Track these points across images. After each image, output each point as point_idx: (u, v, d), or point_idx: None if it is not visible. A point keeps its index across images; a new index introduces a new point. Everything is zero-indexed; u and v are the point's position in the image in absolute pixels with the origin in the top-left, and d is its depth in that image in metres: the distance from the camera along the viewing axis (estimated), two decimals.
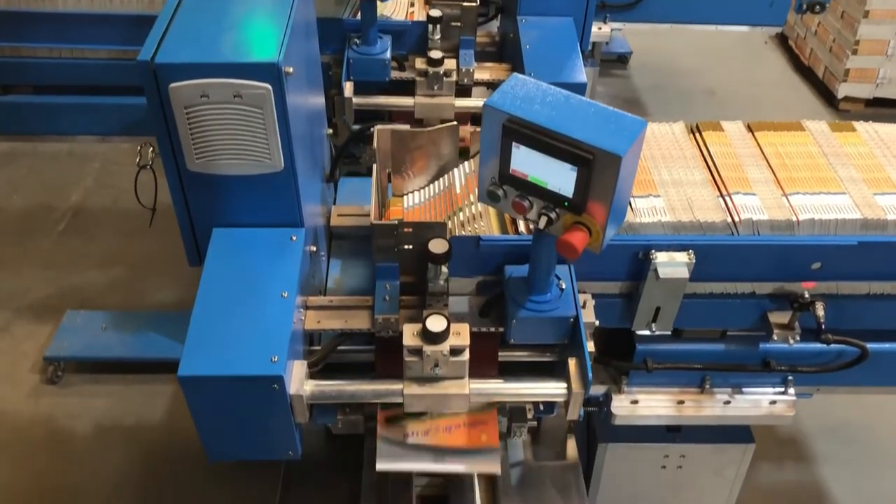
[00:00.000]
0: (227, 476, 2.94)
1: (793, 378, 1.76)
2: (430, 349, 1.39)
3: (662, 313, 1.59)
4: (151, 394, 3.32)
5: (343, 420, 1.75)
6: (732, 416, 1.79)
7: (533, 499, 1.81)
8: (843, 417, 3.26)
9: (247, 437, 1.45)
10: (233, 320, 1.39)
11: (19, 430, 3.17)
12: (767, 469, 3.05)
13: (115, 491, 2.94)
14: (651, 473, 2.01)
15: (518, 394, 1.50)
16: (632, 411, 1.79)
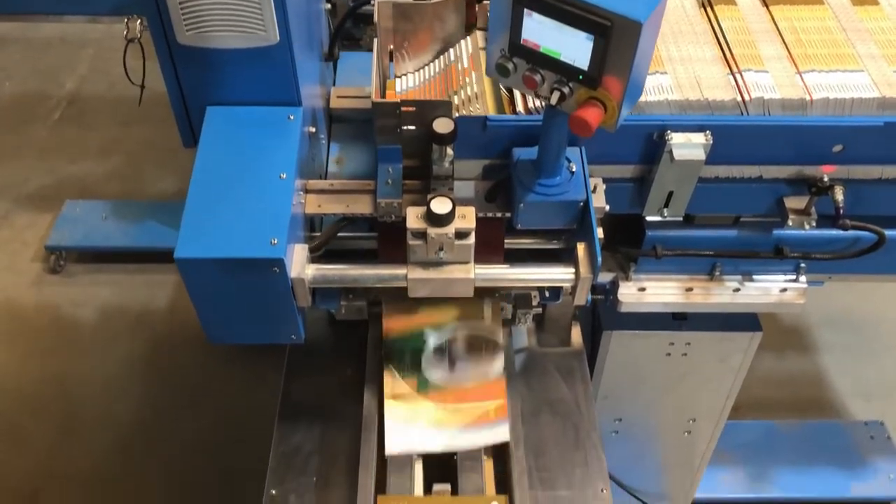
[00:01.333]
0: (231, 362, 2.97)
1: (805, 265, 1.72)
2: (434, 232, 1.34)
3: (675, 198, 1.53)
4: (154, 283, 3.34)
5: (346, 306, 1.73)
6: (741, 304, 1.76)
7: (536, 384, 1.80)
8: (846, 308, 3.27)
9: (248, 321, 1.43)
10: (230, 202, 1.34)
11: (24, 319, 3.19)
12: (770, 358, 3.08)
13: (121, 377, 2.99)
14: (655, 361, 2.01)
15: (524, 279, 1.46)
16: (638, 298, 1.76)
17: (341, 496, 1.59)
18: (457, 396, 1.63)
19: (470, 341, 1.68)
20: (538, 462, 1.66)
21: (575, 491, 1.61)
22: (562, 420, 1.75)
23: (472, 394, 1.63)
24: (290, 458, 1.66)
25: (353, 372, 1.78)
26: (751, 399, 2.86)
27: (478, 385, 1.65)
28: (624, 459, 2.27)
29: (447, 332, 1.68)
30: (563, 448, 1.69)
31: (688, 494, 2.48)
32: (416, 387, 1.64)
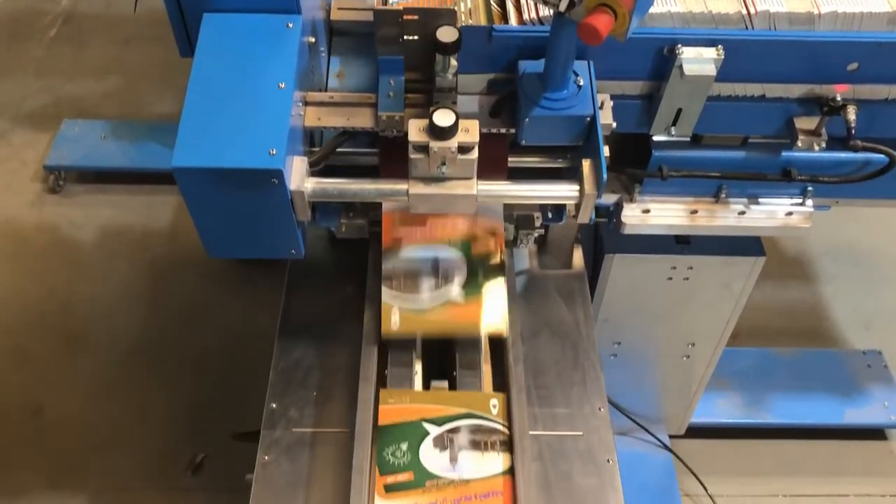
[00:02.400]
0: (232, 282, 2.98)
1: (812, 189, 1.70)
2: (436, 145, 1.31)
3: (683, 116, 1.50)
4: (155, 204, 3.32)
5: (347, 224, 1.72)
6: (746, 227, 1.74)
7: (537, 305, 1.80)
8: (849, 239, 3.26)
9: (247, 235, 1.41)
10: (227, 111, 1.30)
11: (25, 239, 3.19)
12: (770, 288, 3.08)
13: (122, 297, 2.99)
14: (657, 285, 2.00)
15: (528, 195, 1.44)
16: (642, 220, 1.74)
17: (341, 410, 1.60)
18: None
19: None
20: (537, 381, 1.67)
21: (573, 409, 1.63)
22: (561, 341, 1.75)
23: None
24: (290, 372, 1.67)
25: (354, 290, 1.78)
26: (750, 327, 2.87)
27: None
28: (622, 383, 2.29)
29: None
30: (562, 368, 1.70)
31: (684, 418, 2.51)
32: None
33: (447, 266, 1.64)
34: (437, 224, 1.66)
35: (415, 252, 1.65)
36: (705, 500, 2.47)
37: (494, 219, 1.66)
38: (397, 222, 1.67)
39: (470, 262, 1.64)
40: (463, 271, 1.63)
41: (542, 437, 1.58)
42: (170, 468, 2.52)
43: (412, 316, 1.59)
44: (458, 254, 1.64)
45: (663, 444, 2.47)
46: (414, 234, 1.66)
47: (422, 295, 1.61)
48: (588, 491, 1.51)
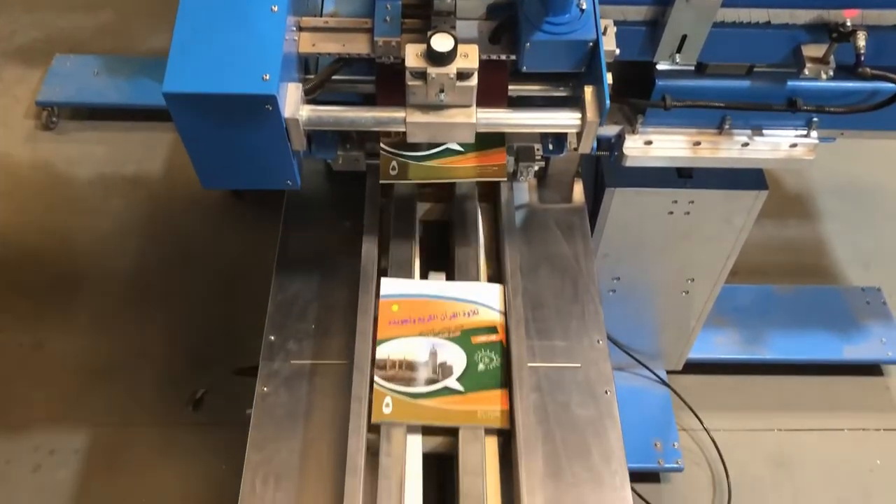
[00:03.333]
0: (230, 218, 2.96)
1: (818, 120, 1.67)
2: (435, 71, 1.28)
3: (688, 42, 1.46)
4: (151, 141, 3.29)
5: (343, 156, 1.69)
6: (749, 159, 1.71)
7: (536, 238, 1.78)
8: (851, 177, 3.23)
9: (242, 165, 1.39)
10: (219, 35, 1.27)
11: (19, 176, 3.16)
12: (771, 225, 3.07)
13: (119, 233, 2.98)
14: (657, 219, 1.98)
15: (529, 124, 1.41)
16: (644, 152, 1.72)
17: (340, 343, 1.60)
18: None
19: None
20: (535, 314, 1.66)
21: (571, 341, 1.62)
22: (560, 274, 1.74)
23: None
24: (288, 306, 1.66)
25: (352, 224, 1.76)
26: (750, 264, 2.86)
27: None
28: (620, 318, 2.29)
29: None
30: (561, 301, 1.69)
31: (682, 354, 2.52)
32: None
33: None
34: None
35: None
36: (702, 434, 2.50)
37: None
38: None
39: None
40: None
41: (541, 368, 1.58)
42: (170, 403, 2.54)
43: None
44: None
45: (661, 379, 2.49)
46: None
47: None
48: (586, 421, 1.51)
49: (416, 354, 1.53)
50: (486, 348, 1.55)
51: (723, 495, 2.43)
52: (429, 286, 1.63)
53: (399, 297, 1.60)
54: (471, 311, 1.59)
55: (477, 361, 1.53)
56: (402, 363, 1.52)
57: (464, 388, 1.50)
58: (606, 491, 1.42)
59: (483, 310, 1.60)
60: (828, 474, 2.51)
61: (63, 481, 2.39)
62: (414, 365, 1.52)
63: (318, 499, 1.40)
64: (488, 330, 1.58)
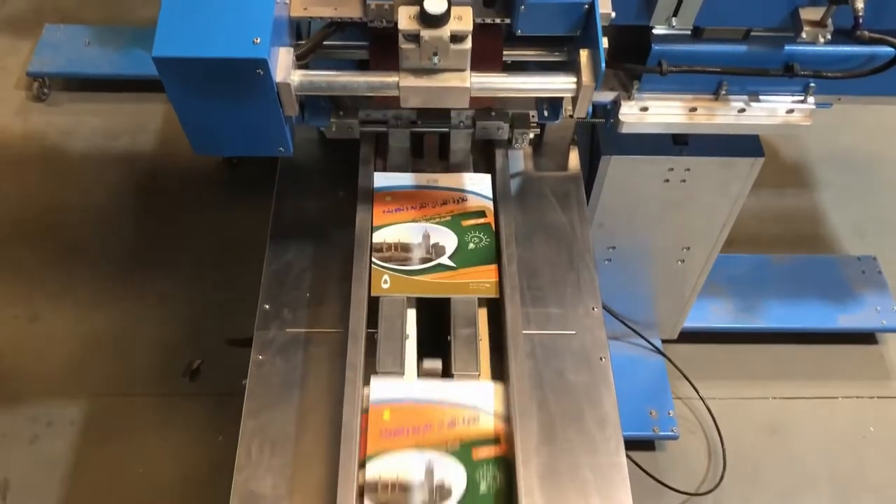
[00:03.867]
0: (225, 189, 2.95)
1: (815, 85, 1.65)
2: (428, 34, 1.26)
3: (685, 5, 1.44)
4: (144, 112, 3.27)
5: (337, 123, 1.68)
6: (746, 125, 1.70)
7: (532, 207, 1.77)
8: (848, 146, 3.22)
9: (234, 131, 1.38)
10: (209, 0, 1.25)
11: (12, 147, 3.14)
12: (768, 195, 3.06)
13: (114, 206, 2.97)
14: (653, 187, 1.97)
15: (523, 88, 1.40)
16: (640, 118, 1.70)
17: (335, 311, 1.59)
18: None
19: None
20: (531, 282, 1.66)
21: (566, 309, 1.62)
22: (556, 242, 1.73)
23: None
24: (282, 274, 1.65)
25: (346, 193, 1.75)
26: (746, 234, 2.87)
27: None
28: (615, 288, 2.29)
29: None
30: (556, 269, 1.69)
31: (677, 324, 2.52)
32: None
33: None
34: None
35: None
36: (697, 402, 2.51)
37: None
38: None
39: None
40: None
41: (535, 336, 1.58)
42: (166, 374, 2.55)
43: None
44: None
45: (656, 348, 2.49)
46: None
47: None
48: (581, 387, 1.51)
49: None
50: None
51: (718, 462, 2.45)
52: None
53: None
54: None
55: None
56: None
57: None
58: (601, 456, 1.43)
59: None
60: (822, 442, 2.52)
61: (60, 452, 2.40)
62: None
63: (314, 466, 1.41)
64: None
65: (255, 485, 1.39)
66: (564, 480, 1.40)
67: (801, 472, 2.46)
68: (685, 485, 2.38)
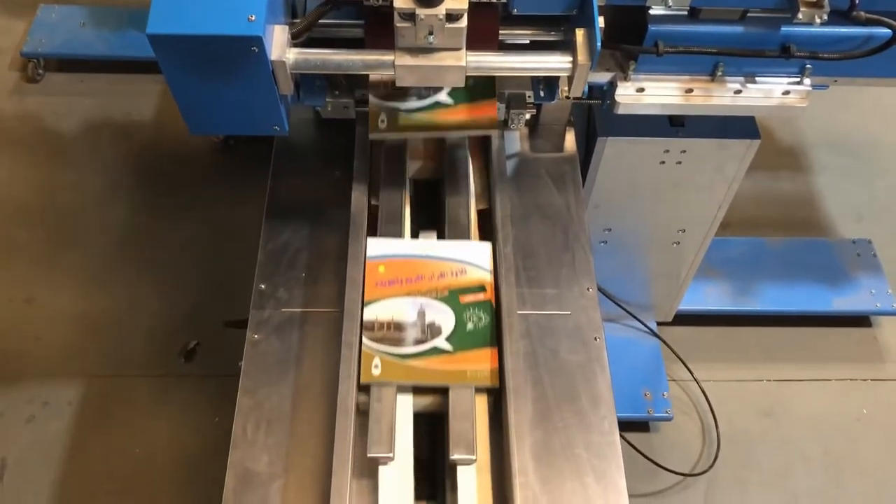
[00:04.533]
0: (221, 171, 2.95)
1: (811, 66, 1.65)
2: (423, 12, 1.26)
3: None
4: (139, 93, 3.25)
5: (332, 103, 1.68)
6: (742, 107, 1.70)
7: (527, 189, 1.78)
8: (845, 130, 3.22)
9: (229, 110, 1.37)
10: None
11: (6, 129, 3.13)
12: (764, 178, 3.06)
13: (109, 187, 2.97)
14: (649, 169, 1.97)
15: (519, 67, 1.40)
16: (636, 99, 1.70)
17: (330, 291, 1.60)
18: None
19: None
20: (526, 262, 1.66)
21: (562, 289, 1.63)
22: (552, 224, 1.74)
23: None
24: (278, 254, 1.66)
25: (342, 173, 1.75)
26: (742, 217, 2.87)
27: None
28: (611, 270, 2.30)
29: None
30: (552, 249, 1.69)
31: (672, 306, 2.53)
32: None
33: None
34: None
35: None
36: (692, 384, 2.52)
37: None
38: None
39: None
40: None
41: (531, 316, 1.58)
42: (163, 355, 2.55)
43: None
44: None
45: (651, 330, 2.50)
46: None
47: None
48: (575, 367, 1.52)
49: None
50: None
51: (712, 444, 2.46)
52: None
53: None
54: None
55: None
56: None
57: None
58: (594, 435, 1.44)
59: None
60: (815, 424, 2.54)
61: (57, 432, 2.40)
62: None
63: (309, 444, 1.42)
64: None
65: (250, 463, 1.40)
66: (558, 459, 1.41)
67: (794, 454, 2.48)
68: (679, 466, 2.39)
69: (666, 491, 2.40)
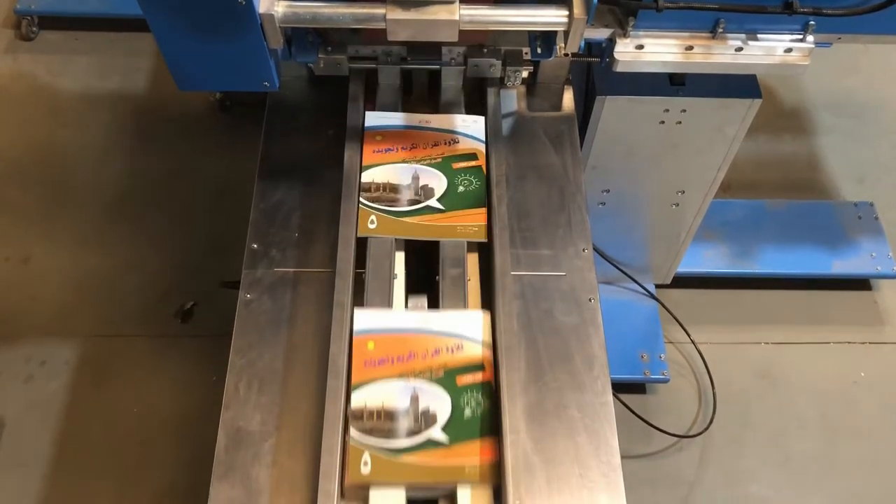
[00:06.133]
0: (218, 131, 2.92)
1: (814, 23, 1.61)
2: None
3: None
4: (135, 52, 3.22)
5: (325, 59, 1.65)
6: (743, 65, 1.66)
7: (524, 148, 1.75)
8: (848, 91, 3.18)
9: (217, 65, 1.35)
10: None
11: (2, 87, 3.09)
12: (765, 141, 3.03)
13: (105, 147, 2.95)
14: (648, 129, 1.94)
15: (514, 21, 1.36)
16: (636, 57, 1.66)
17: (323, 251, 1.58)
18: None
19: None
20: (521, 224, 1.64)
21: (556, 250, 1.61)
22: (548, 184, 1.71)
23: None
24: (271, 214, 1.64)
25: (335, 132, 1.72)
26: (743, 180, 2.85)
27: None
28: (609, 232, 2.28)
29: None
30: (547, 210, 1.67)
31: (670, 268, 2.52)
32: None
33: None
34: None
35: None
36: (689, 347, 2.51)
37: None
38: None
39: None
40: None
41: (525, 277, 1.57)
42: (159, 316, 2.55)
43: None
44: None
45: (649, 292, 2.49)
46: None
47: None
48: (569, 328, 1.51)
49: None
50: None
51: (708, 406, 2.47)
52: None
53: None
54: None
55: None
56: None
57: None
58: (588, 395, 1.43)
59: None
60: (812, 386, 2.54)
61: (55, 392, 2.41)
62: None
63: (301, 403, 1.41)
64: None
65: (242, 421, 1.40)
66: (550, 418, 1.40)
67: (790, 416, 2.48)
68: (675, 427, 2.40)
69: (661, 452, 2.41)
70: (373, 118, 1.67)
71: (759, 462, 2.41)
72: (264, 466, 1.35)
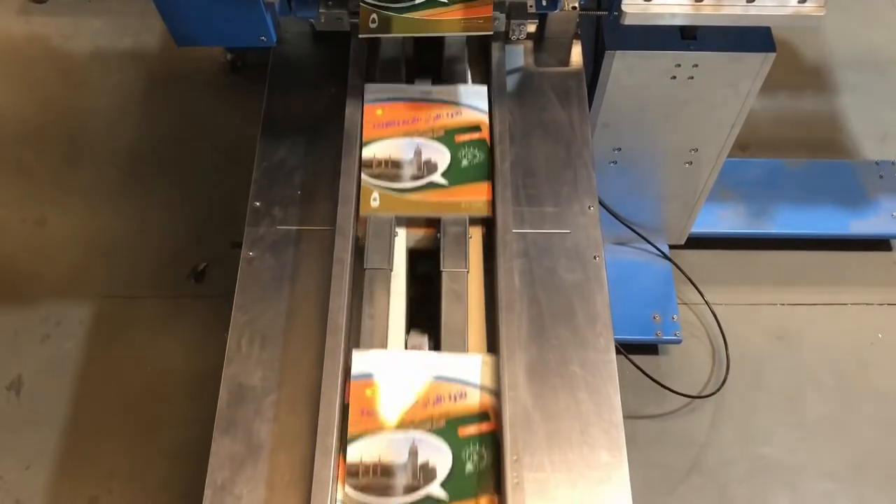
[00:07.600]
0: (228, 92, 2.92)
1: None
2: None
3: None
4: (147, 13, 3.20)
5: (325, 14, 1.63)
6: (755, 16, 1.62)
7: (531, 104, 1.72)
8: (871, 47, 3.08)
9: (214, 20, 1.34)
10: None
11: (14, 50, 3.10)
12: (785, 98, 2.97)
13: (119, 108, 2.96)
14: (659, 85, 1.90)
15: None
16: (644, 9, 1.62)
17: (326, 209, 1.57)
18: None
19: None
20: (526, 181, 1.62)
21: (562, 207, 1.59)
22: (554, 140, 1.69)
23: None
24: (273, 172, 1.64)
25: (337, 89, 1.70)
26: (762, 139, 2.79)
27: None
28: (621, 191, 2.25)
29: None
30: (553, 167, 1.65)
31: (684, 229, 2.48)
32: None
33: None
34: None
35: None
36: (703, 308, 2.49)
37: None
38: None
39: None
40: None
41: (529, 234, 1.55)
42: (173, 276, 2.57)
43: None
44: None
45: (662, 253, 2.46)
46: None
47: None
48: (573, 285, 1.49)
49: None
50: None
51: (721, 367, 2.45)
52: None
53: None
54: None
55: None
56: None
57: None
58: (590, 352, 1.42)
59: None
60: (828, 348, 2.51)
61: (70, 351, 2.44)
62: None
63: (303, 359, 1.41)
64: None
65: (244, 378, 1.40)
66: (552, 375, 1.40)
67: (805, 377, 2.46)
68: (687, 388, 2.38)
69: (673, 413, 2.40)
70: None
71: (773, 423, 2.39)
72: (265, 421, 1.36)
